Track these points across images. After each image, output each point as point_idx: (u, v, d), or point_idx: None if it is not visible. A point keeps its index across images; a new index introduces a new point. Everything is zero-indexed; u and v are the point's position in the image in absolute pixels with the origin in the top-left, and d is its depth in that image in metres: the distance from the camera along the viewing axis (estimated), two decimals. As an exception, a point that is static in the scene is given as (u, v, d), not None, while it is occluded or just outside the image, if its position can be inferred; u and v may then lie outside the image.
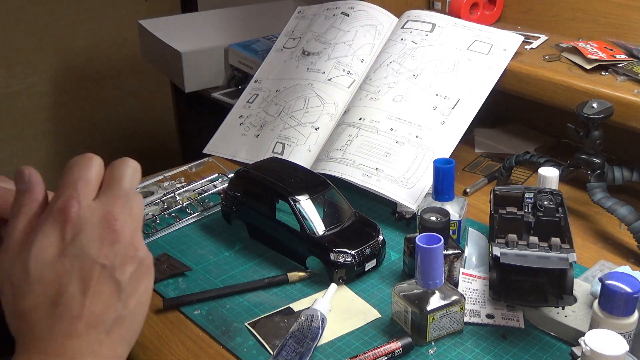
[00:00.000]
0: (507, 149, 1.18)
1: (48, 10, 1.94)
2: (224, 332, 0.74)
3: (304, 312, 0.74)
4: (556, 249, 0.70)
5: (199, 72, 1.47)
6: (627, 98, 0.90)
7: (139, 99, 2.20)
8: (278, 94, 1.15)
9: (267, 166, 0.92)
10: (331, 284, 0.77)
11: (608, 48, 1.02)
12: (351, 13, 1.17)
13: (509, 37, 1.04)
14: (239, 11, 1.67)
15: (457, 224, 0.86)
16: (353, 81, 1.10)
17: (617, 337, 0.57)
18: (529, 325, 0.74)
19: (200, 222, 0.97)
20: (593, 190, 0.90)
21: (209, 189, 1.02)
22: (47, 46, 1.98)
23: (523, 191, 0.80)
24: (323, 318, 0.73)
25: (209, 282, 0.83)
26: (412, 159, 0.95)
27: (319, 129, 1.07)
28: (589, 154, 0.91)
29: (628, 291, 0.63)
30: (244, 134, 1.14)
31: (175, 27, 1.56)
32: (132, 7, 2.08)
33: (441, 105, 0.99)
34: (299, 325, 0.72)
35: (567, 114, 0.94)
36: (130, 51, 2.04)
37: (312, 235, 0.82)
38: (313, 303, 0.74)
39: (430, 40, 1.06)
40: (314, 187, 0.86)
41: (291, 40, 1.22)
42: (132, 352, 0.72)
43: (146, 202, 0.97)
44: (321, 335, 0.72)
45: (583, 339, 0.58)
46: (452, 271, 0.79)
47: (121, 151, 2.20)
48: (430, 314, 0.70)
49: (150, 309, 0.78)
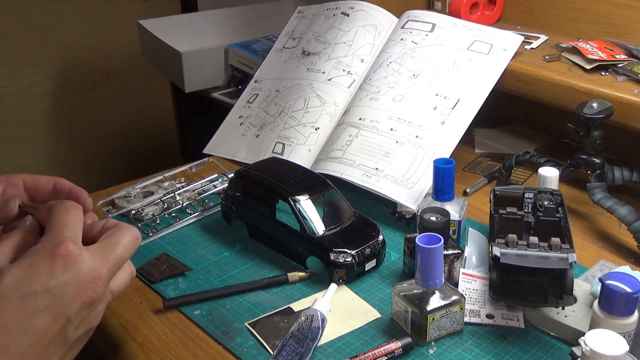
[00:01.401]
0: (507, 149, 1.18)
1: (48, 10, 1.95)
2: (224, 332, 0.74)
3: (304, 312, 0.73)
4: (556, 249, 0.70)
5: (199, 72, 1.47)
6: (627, 98, 0.90)
7: (139, 99, 2.20)
8: (278, 94, 1.15)
9: (267, 166, 0.92)
10: (331, 284, 0.77)
11: (608, 48, 1.02)
12: (351, 13, 1.17)
13: (509, 37, 1.04)
14: (239, 11, 1.67)
15: (457, 224, 0.86)
16: (353, 81, 1.10)
17: (617, 337, 0.57)
18: (529, 325, 0.74)
19: (200, 222, 0.97)
20: (593, 190, 0.90)
21: (209, 189, 1.02)
22: (47, 46, 1.98)
23: (523, 191, 0.80)
24: (323, 318, 0.73)
25: (209, 282, 0.83)
26: (412, 159, 0.95)
27: (319, 129, 1.07)
28: (589, 154, 0.91)
29: (628, 291, 0.63)
30: (244, 134, 1.14)
31: (175, 27, 1.56)
32: (132, 7, 2.09)
33: (441, 105, 0.99)
34: (299, 325, 0.72)
35: (567, 114, 0.94)
36: (130, 51, 2.04)
37: (312, 235, 0.82)
38: (313, 303, 0.74)
39: (430, 40, 1.06)
40: (314, 187, 0.86)
41: (291, 40, 1.22)
42: (132, 352, 0.73)
43: (146, 202, 0.98)
44: (321, 335, 0.72)
45: (583, 339, 0.58)
46: (452, 271, 0.79)
47: (121, 151, 2.20)
48: (430, 314, 0.70)
49: (150, 308, 0.79)
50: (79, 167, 2.14)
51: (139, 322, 0.77)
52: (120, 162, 2.21)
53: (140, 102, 2.21)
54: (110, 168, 2.20)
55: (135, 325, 0.77)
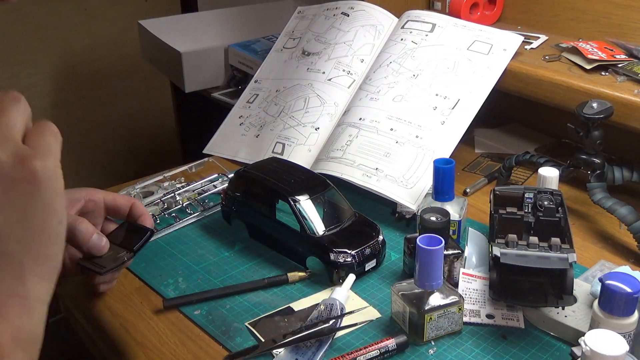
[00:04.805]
0: (507, 149, 1.18)
1: (48, 10, 1.94)
2: (224, 332, 0.74)
3: (324, 301, 0.74)
4: (556, 249, 0.70)
5: (199, 72, 1.47)
6: (627, 98, 0.90)
7: (139, 99, 2.20)
8: (278, 94, 1.15)
9: (267, 166, 0.92)
10: (350, 274, 0.78)
11: (608, 48, 1.02)
12: (351, 13, 1.17)
13: (509, 37, 1.04)
14: (239, 11, 1.67)
15: (457, 224, 0.86)
16: (353, 81, 1.10)
17: (617, 337, 0.57)
18: (529, 325, 0.74)
19: (200, 222, 0.97)
20: (593, 190, 0.90)
21: (209, 189, 1.02)
22: (47, 46, 1.98)
23: (523, 191, 0.80)
24: (342, 307, 0.73)
25: (209, 282, 0.83)
26: (412, 159, 0.95)
27: (319, 129, 1.07)
28: (589, 154, 0.91)
29: (628, 291, 0.63)
30: (244, 134, 1.14)
31: (175, 27, 1.56)
32: (132, 7, 2.09)
33: (441, 105, 0.99)
34: (318, 314, 0.72)
35: (567, 114, 0.94)
36: (130, 51, 2.04)
37: (312, 235, 0.82)
38: (332, 292, 0.75)
39: (430, 41, 1.06)
40: (314, 187, 0.86)
41: (291, 41, 1.22)
42: (132, 352, 0.73)
43: (146, 202, 0.98)
44: (340, 323, 0.72)
45: (583, 339, 0.58)
46: (452, 271, 0.79)
47: (121, 151, 2.20)
48: (427, 314, 0.70)
49: (150, 309, 0.79)
50: (79, 167, 2.14)
51: (139, 322, 0.77)
52: (120, 162, 2.21)
53: (140, 102, 2.21)
54: (110, 168, 2.19)
55: (135, 325, 0.77)
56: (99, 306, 0.81)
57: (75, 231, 0.70)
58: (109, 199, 0.79)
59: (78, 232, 0.71)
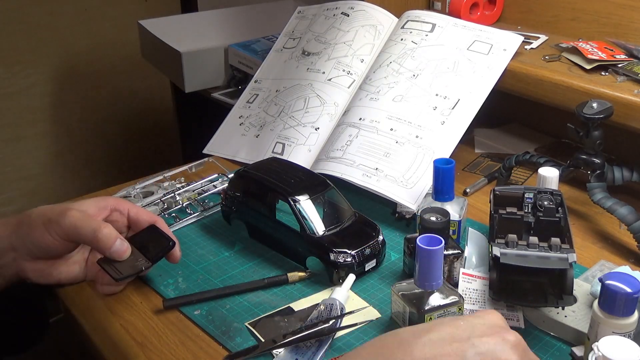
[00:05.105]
0: (507, 149, 1.18)
1: (48, 10, 1.95)
2: (224, 332, 0.74)
3: (324, 301, 0.74)
4: (556, 249, 0.70)
5: (199, 72, 1.47)
6: (627, 98, 0.90)
7: (139, 99, 2.20)
8: (278, 94, 1.15)
9: (267, 166, 0.92)
10: (350, 274, 0.78)
11: (608, 48, 1.02)
12: (351, 13, 1.17)
13: (509, 37, 1.04)
14: (239, 11, 1.67)
15: (457, 224, 0.86)
16: (353, 81, 1.10)
17: (630, 343, 0.57)
18: (529, 325, 0.74)
19: (200, 222, 0.97)
20: (593, 190, 0.90)
21: (209, 189, 1.02)
22: (47, 46, 1.98)
23: (523, 191, 0.80)
24: (342, 307, 0.73)
25: (209, 282, 0.83)
26: (412, 159, 0.95)
27: (319, 129, 1.07)
28: (589, 154, 0.91)
29: (628, 291, 0.63)
30: (244, 134, 1.14)
31: (175, 27, 1.56)
32: (132, 7, 2.09)
33: (441, 105, 0.99)
34: (318, 314, 0.72)
35: (567, 114, 0.94)
36: (130, 51, 2.05)
37: (312, 235, 0.82)
38: (332, 292, 0.75)
39: (430, 41, 1.06)
40: (314, 187, 0.86)
41: (291, 41, 1.23)
42: (132, 352, 0.73)
43: (146, 202, 0.98)
44: (340, 323, 0.72)
45: (596, 344, 0.57)
46: (452, 271, 0.79)
47: (121, 151, 2.20)
48: (427, 314, 0.70)
49: (150, 309, 0.79)
50: (79, 167, 2.14)
51: (139, 322, 0.77)
52: (120, 162, 2.21)
53: (140, 102, 2.21)
54: (111, 168, 2.20)
55: (135, 325, 0.77)
56: (99, 306, 0.80)
57: (99, 235, 0.74)
58: (133, 211, 0.82)
59: (102, 236, 0.75)
